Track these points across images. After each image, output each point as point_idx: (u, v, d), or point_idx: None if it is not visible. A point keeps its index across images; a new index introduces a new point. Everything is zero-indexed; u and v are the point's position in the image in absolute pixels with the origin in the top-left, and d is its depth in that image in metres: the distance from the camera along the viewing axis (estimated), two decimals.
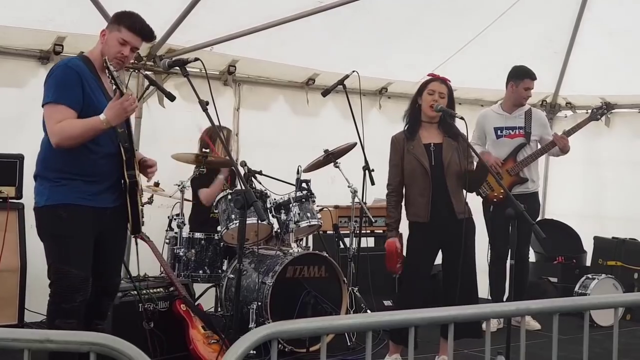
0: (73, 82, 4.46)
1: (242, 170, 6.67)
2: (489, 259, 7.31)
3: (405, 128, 5.87)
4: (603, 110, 7.62)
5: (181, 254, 6.65)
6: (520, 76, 7.34)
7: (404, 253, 5.92)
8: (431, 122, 5.80)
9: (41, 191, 4.57)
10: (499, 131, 7.36)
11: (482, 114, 7.63)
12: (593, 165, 9.98)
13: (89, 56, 4.69)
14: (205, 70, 5.13)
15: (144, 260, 6.24)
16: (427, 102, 5.74)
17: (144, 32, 4.71)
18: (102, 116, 4.41)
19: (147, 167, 4.87)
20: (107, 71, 4.48)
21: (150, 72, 7.31)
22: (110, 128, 4.45)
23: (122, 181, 4.57)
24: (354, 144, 6.95)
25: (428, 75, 5.94)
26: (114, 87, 4.48)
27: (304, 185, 6.81)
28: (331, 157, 6.99)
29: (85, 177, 4.51)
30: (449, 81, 5.85)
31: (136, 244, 4.96)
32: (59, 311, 4.48)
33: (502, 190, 7.11)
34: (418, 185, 5.72)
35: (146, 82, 6.93)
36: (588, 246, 9.00)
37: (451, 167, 5.73)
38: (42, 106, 4.53)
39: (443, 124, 5.80)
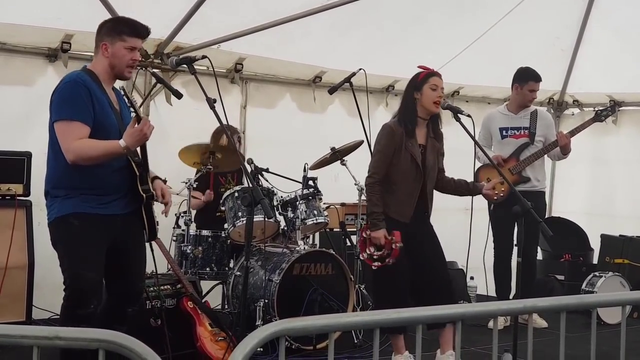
0: (84, 97, 4.44)
1: (248, 168, 6.68)
2: (485, 257, 7.32)
3: (403, 123, 5.65)
4: (608, 112, 7.56)
5: (188, 251, 6.65)
6: (525, 78, 7.31)
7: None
8: (425, 119, 5.70)
9: (52, 207, 4.58)
10: (504, 131, 7.36)
11: (488, 115, 7.63)
12: (600, 163, 9.97)
13: (92, 70, 4.64)
14: (213, 68, 5.13)
15: (151, 258, 6.23)
16: (431, 98, 5.60)
17: (145, 32, 4.71)
18: (122, 142, 4.42)
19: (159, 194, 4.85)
20: (125, 98, 4.53)
21: (157, 70, 7.33)
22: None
23: (137, 195, 4.60)
24: (361, 142, 6.95)
25: (420, 67, 5.77)
26: (132, 112, 4.50)
27: (310, 182, 6.81)
28: (338, 155, 7.00)
29: (95, 191, 4.52)
30: (441, 75, 5.78)
31: (152, 248, 4.96)
32: (73, 316, 4.45)
33: (503, 189, 7.10)
34: (408, 185, 5.62)
35: (153, 80, 6.95)
36: (595, 244, 8.99)
37: (432, 171, 5.72)
38: (53, 122, 4.50)
39: (432, 123, 5.75)
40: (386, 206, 5.62)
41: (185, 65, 5.20)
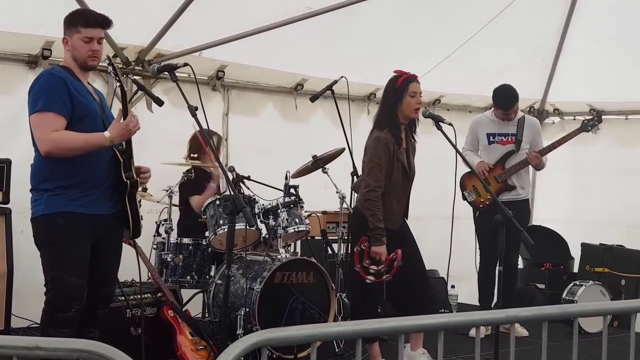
0: (59, 89, 4.45)
1: (230, 176, 6.66)
2: (477, 265, 7.33)
3: (390, 132, 5.64)
4: (594, 122, 7.59)
5: (169, 259, 6.62)
6: (496, 103, 7.35)
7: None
8: (404, 123, 5.70)
9: (38, 201, 4.55)
10: (491, 137, 7.38)
11: (475, 120, 7.66)
12: (580, 171, 10.02)
13: (66, 65, 4.67)
14: (195, 76, 5.12)
15: (131, 266, 6.21)
16: (412, 106, 5.62)
17: (101, 21, 4.68)
18: (106, 134, 4.46)
19: (140, 173, 4.85)
20: (110, 67, 4.60)
21: (138, 77, 7.30)
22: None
23: (121, 183, 4.59)
24: (342, 150, 6.94)
25: (397, 72, 5.76)
26: (116, 82, 4.54)
27: (292, 190, 6.80)
28: (319, 163, 6.99)
29: (80, 184, 4.51)
30: (418, 76, 5.77)
31: (135, 248, 4.94)
32: (53, 320, 4.46)
33: (488, 196, 7.11)
34: (397, 192, 5.64)
35: (134, 87, 6.93)
36: (575, 253, 9.03)
37: (414, 174, 5.75)
38: (29, 116, 4.50)
39: (410, 126, 5.76)
40: None
41: (166, 73, 5.18)
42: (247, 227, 6.01)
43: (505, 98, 7.28)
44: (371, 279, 5.51)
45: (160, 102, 5.38)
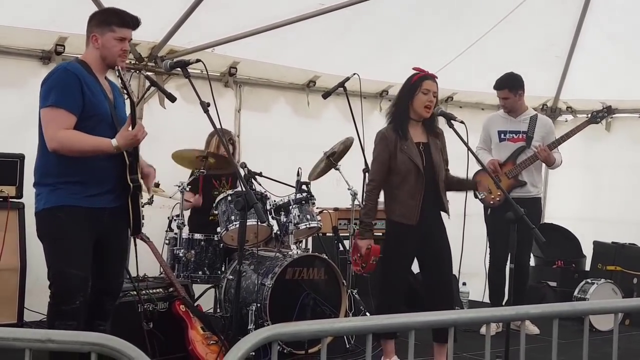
0: (73, 85, 4.45)
1: (242, 172, 6.67)
2: (487, 262, 7.32)
3: (394, 126, 5.70)
4: (604, 113, 7.59)
5: (181, 254, 6.64)
6: None
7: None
8: (418, 120, 5.71)
9: (40, 196, 4.58)
10: (502, 134, 7.38)
11: (488, 117, 7.68)
12: (593, 169, 10.00)
13: (84, 60, 4.67)
14: (207, 72, 5.13)
15: (143, 261, 6.23)
16: (422, 102, 5.62)
17: (135, 23, 4.71)
18: (114, 142, 4.45)
19: (145, 179, 4.88)
20: (119, 79, 4.53)
21: (151, 73, 7.32)
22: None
23: (126, 185, 4.59)
24: (350, 140, 6.95)
25: (415, 69, 5.78)
26: (125, 95, 4.52)
27: (303, 187, 6.81)
28: (332, 160, 6.99)
29: (83, 182, 4.52)
30: (437, 77, 5.78)
31: (135, 244, 4.96)
32: (58, 313, 4.48)
33: (499, 194, 7.10)
34: (410, 187, 5.61)
35: (147, 83, 6.93)
36: (587, 251, 9.00)
37: (439, 168, 5.71)
38: (40, 109, 4.51)
39: (426, 122, 5.75)
40: (391, 212, 5.71)
41: (179, 69, 5.19)
42: (259, 223, 6.01)
43: (499, 79, 7.34)
44: (359, 270, 5.87)
45: (172, 98, 5.40)
